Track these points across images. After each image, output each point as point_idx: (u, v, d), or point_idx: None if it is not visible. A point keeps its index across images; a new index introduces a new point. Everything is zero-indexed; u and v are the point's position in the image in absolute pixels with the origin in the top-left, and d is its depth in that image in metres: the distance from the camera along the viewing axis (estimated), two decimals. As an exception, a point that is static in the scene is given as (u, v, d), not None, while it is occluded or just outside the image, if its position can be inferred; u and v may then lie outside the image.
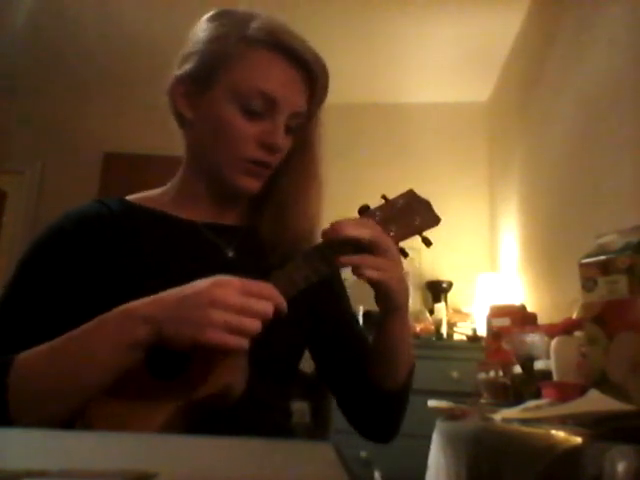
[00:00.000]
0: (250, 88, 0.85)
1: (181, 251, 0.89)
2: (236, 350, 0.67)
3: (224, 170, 0.88)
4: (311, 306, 0.96)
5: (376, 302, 0.84)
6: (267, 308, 0.68)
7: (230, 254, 0.92)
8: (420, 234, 0.83)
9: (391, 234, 0.81)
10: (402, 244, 0.83)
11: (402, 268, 0.81)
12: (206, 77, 0.87)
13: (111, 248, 0.85)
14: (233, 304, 0.66)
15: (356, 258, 0.77)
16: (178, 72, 0.89)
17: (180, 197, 0.95)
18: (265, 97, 0.85)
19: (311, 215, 0.93)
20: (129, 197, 0.96)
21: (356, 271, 0.77)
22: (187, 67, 0.88)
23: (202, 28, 0.90)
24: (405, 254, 0.83)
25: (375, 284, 0.79)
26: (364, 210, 0.83)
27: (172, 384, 0.71)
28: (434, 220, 0.84)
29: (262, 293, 0.69)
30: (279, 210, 0.94)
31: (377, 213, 0.82)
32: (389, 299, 0.81)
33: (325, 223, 0.94)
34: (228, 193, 0.93)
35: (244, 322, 0.66)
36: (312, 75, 0.89)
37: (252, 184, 0.89)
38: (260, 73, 0.86)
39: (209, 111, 0.88)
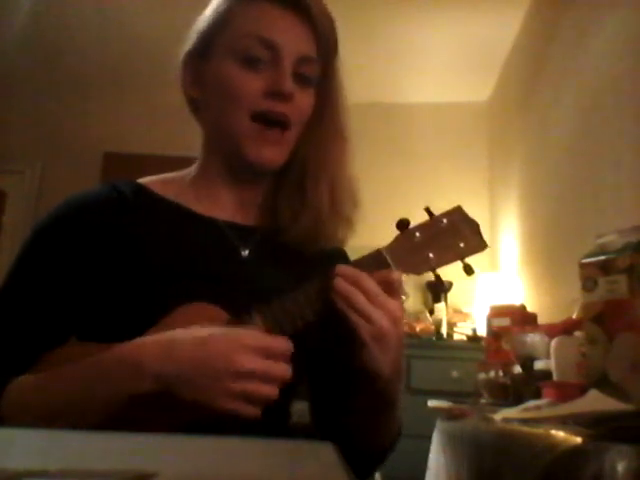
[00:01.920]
0: (245, 36, 0.79)
1: (195, 248, 0.82)
2: (250, 418, 0.62)
3: (239, 140, 0.80)
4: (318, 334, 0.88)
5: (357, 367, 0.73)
6: (286, 372, 0.64)
7: (244, 253, 0.85)
8: (462, 260, 0.75)
9: (430, 256, 0.74)
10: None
11: (398, 348, 0.71)
12: (205, 46, 0.83)
13: (122, 238, 0.79)
14: (254, 371, 0.61)
15: (349, 289, 0.69)
16: (182, 56, 0.86)
17: (198, 187, 0.88)
18: (264, 42, 0.79)
19: (338, 187, 0.84)
20: (144, 180, 0.88)
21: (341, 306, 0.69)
22: (189, 45, 0.85)
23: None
24: (442, 283, 0.78)
25: (357, 338, 0.69)
26: (403, 226, 0.74)
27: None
28: (480, 246, 0.75)
29: (281, 353, 0.64)
30: (299, 177, 0.85)
31: (417, 234, 0.74)
32: (363, 362, 0.70)
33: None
34: (249, 172, 0.85)
35: (263, 390, 0.62)
36: (312, 17, 0.81)
37: (272, 154, 0.81)
38: (257, 21, 0.80)
39: (212, 77, 0.82)
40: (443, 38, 3.26)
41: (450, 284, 3.40)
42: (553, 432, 0.73)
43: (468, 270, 0.77)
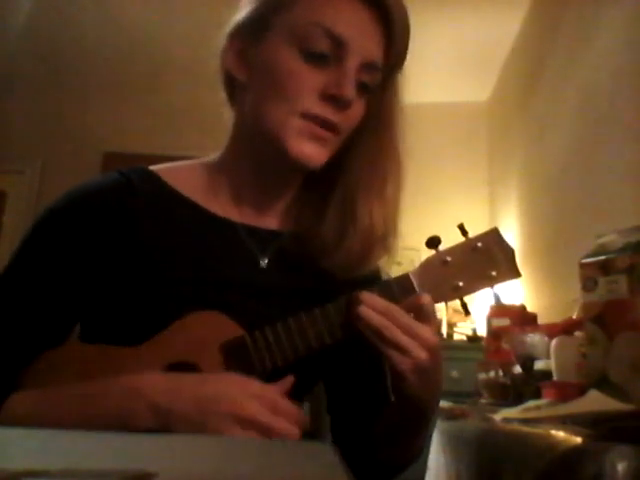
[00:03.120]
0: (312, 25, 0.70)
1: (210, 253, 0.77)
2: None
3: (278, 131, 0.71)
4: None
5: (392, 390, 0.72)
6: (293, 433, 0.59)
7: (263, 262, 0.79)
8: (492, 288, 0.72)
9: (460, 285, 0.70)
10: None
11: (436, 365, 0.68)
12: (260, 23, 0.73)
13: (127, 231, 0.74)
14: (258, 422, 0.58)
15: (379, 315, 0.64)
16: (230, 28, 0.76)
17: (217, 181, 0.80)
18: (331, 36, 0.69)
19: (388, 208, 0.77)
20: (157, 168, 0.81)
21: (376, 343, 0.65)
22: (240, 17, 0.75)
23: None
24: (467, 311, 0.74)
25: (394, 372, 0.66)
26: (433, 245, 0.70)
27: None
28: (513, 274, 0.72)
29: (291, 415, 0.60)
30: (347, 198, 0.77)
31: (448, 258, 0.70)
32: (401, 391, 0.69)
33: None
34: (282, 170, 0.78)
35: None
36: (389, 18, 0.72)
37: (315, 151, 0.72)
38: (324, 9, 0.71)
39: (263, 61, 0.73)
40: (443, 38, 3.25)
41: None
42: (553, 432, 0.73)
43: (497, 299, 0.74)
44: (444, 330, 3.08)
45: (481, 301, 3.04)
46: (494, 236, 0.73)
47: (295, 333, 0.68)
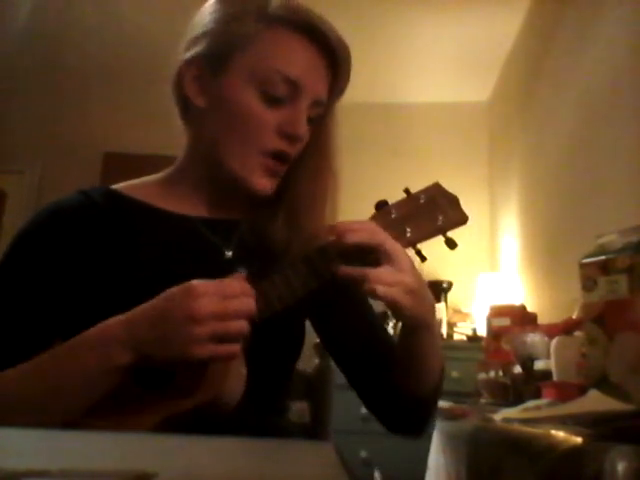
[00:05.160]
0: (271, 71, 0.78)
1: (174, 251, 0.81)
2: (229, 357, 0.64)
3: (237, 167, 0.80)
4: (320, 306, 0.89)
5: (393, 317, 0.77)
6: (249, 305, 0.65)
7: (228, 253, 0.84)
8: (443, 234, 0.75)
9: (407, 234, 0.74)
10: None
11: (416, 278, 0.71)
12: (221, 59, 0.79)
13: (95, 246, 0.79)
14: (213, 312, 0.62)
15: (357, 272, 0.69)
16: (188, 55, 0.81)
17: (174, 188, 0.87)
18: (288, 82, 0.78)
19: (328, 214, 0.85)
20: (116, 186, 0.88)
21: (359, 285, 0.70)
22: (199, 48, 0.80)
23: (213, 9, 0.82)
24: (422, 258, 0.75)
25: (382, 300, 0.70)
26: (381, 206, 0.75)
27: (160, 394, 0.67)
28: (460, 219, 0.75)
29: (239, 290, 0.65)
30: (294, 210, 0.85)
31: (393, 211, 0.74)
32: (402, 316, 0.73)
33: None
34: (233, 191, 0.85)
35: (230, 327, 0.63)
36: (336, 61, 0.82)
37: (267, 185, 0.81)
38: (282, 55, 0.79)
39: (223, 97, 0.80)
40: (443, 38, 3.25)
41: (450, 284, 3.40)
42: (553, 432, 0.73)
43: (450, 244, 0.76)
44: (444, 330, 3.07)
45: (481, 301, 3.05)
46: (436, 189, 0.76)
47: (269, 293, 0.71)
